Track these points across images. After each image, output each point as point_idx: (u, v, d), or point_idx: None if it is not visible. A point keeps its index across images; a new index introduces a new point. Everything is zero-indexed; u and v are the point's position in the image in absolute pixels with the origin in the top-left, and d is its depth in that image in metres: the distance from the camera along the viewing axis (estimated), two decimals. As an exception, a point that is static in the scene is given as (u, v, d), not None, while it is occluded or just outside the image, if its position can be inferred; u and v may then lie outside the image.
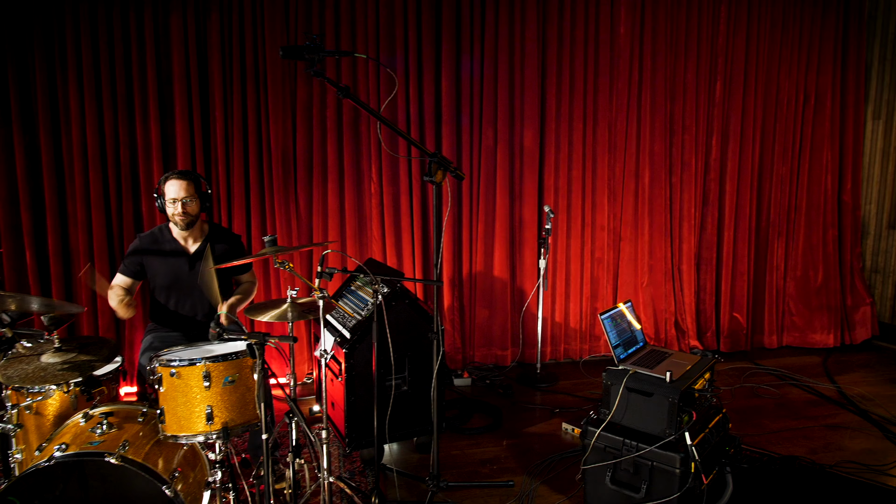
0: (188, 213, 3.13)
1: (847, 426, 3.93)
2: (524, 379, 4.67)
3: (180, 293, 3.24)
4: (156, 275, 3.20)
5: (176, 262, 3.22)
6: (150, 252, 3.20)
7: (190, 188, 3.12)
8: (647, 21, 4.87)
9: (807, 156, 5.34)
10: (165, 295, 3.23)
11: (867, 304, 5.44)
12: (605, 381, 2.94)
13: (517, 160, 4.80)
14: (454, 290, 4.80)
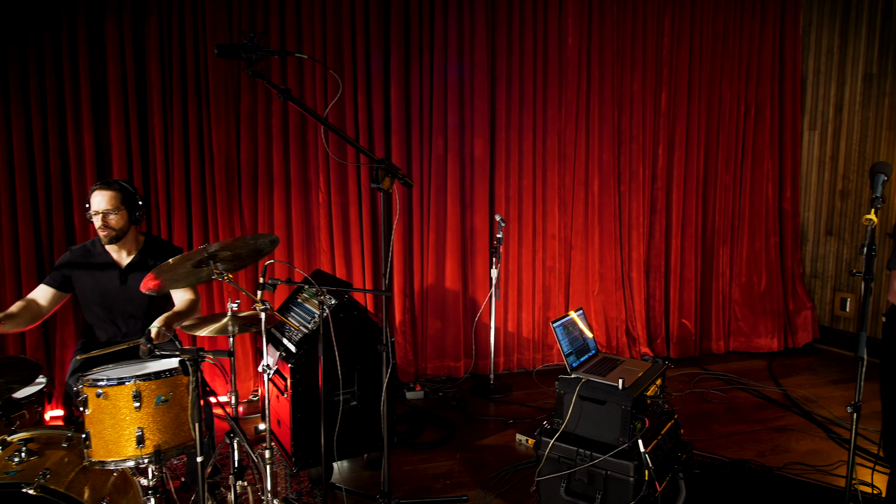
0: (111, 227, 2.92)
1: (793, 428, 4.00)
2: (478, 390, 4.61)
3: (112, 308, 3.05)
4: (84, 289, 3.00)
5: (106, 277, 3.03)
6: (79, 265, 3.01)
7: (114, 200, 2.92)
8: (594, 32, 4.93)
9: (749, 165, 5.49)
10: (95, 311, 3.04)
11: (808, 308, 5.60)
12: (557, 391, 2.90)
13: (468, 169, 4.77)
14: (405, 302, 4.71)
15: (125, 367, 2.40)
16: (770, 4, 5.41)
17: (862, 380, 2.00)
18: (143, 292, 2.51)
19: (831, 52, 5.49)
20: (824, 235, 5.65)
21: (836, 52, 5.45)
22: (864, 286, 1.93)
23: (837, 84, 5.46)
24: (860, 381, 1.97)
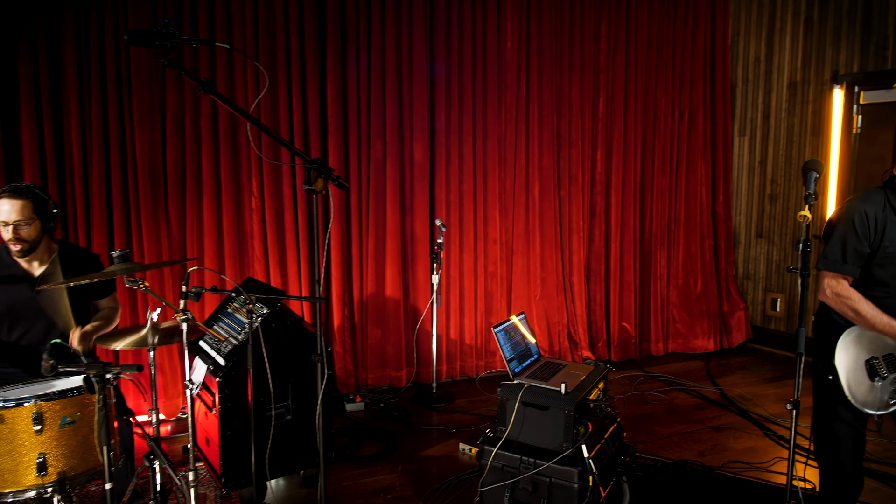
0: (23, 240, 2.68)
1: (731, 427, 4.06)
2: (420, 399, 4.50)
3: (21, 322, 2.80)
4: (-13, 301, 2.74)
5: (15, 288, 2.78)
6: (-19, 276, 2.74)
7: (26, 209, 2.68)
8: (532, 37, 4.94)
9: (683, 170, 5.60)
10: (3, 325, 2.78)
11: (741, 309, 5.75)
12: (500, 397, 2.82)
13: (408, 174, 4.67)
14: (344, 310, 4.56)
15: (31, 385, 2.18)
16: (701, 14, 5.55)
17: (800, 377, 2.00)
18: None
19: (758, 61, 5.68)
20: (755, 238, 5.82)
21: (763, 61, 5.65)
22: (801, 282, 1.93)
23: (765, 91, 5.65)
24: (799, 377, 1.97)
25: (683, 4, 5.48)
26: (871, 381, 2.30)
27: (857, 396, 2.29)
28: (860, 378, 2.31)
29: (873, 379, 2.30)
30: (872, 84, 4.86)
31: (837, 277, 2.34)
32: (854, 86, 4.99)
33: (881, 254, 2.25)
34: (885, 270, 2.28)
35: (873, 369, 2.31)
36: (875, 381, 2.30)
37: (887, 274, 2.28)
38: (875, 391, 2.28)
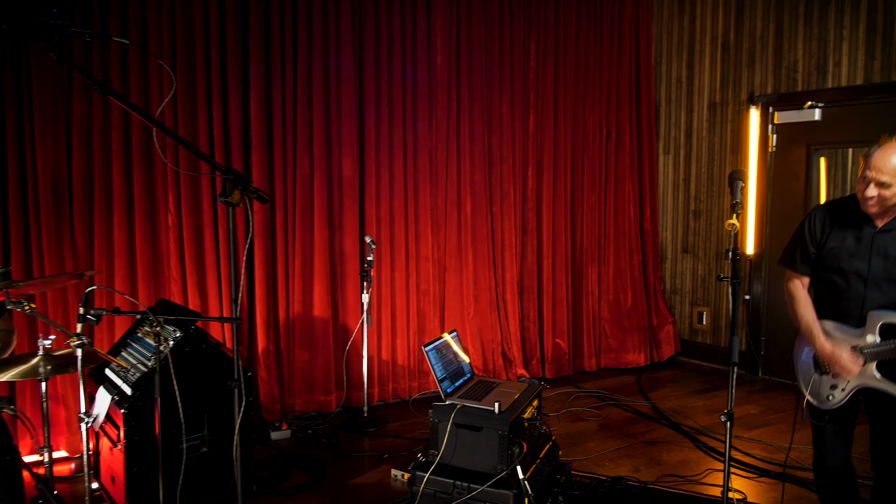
0: None
1: (663, 440, 4.08)
2: (350, 425, 4.30)
3: None
4: None
5: None
6: None
7: None
8: (462, 53, 4.91)
9: (612, 187, 5.69)
10: None
11: (670, 322, 5.86)
12: (432, 419, 2.70)
13: (336, 189, 4.52)
14: (269, 332, 4.33)
15: None
16: (626, 36, 5.70)
17: (733, 387, 1.98)
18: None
19: (680, 82, 5.88)
20: (681, 253, 5.97)
21: (685, 82, 5.84)
22: (731, 290, 1.92)
23: (686, 111, 5.84)
24: (731, 388, 1.94)
25: (609, 26, 5.61)
26: (815, 374, 2.44)
27: (805, 386, 2.46)
28: (808, 370, 2.48)
29: (817, 371, 2.44)
30: (785, 105, 5.09)
31: (790, 275, 2.52)
32: (769, 106, 5.21)
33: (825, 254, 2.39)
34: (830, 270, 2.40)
35: (817, 362, 2.45)
36: (816, 374, 2.44)
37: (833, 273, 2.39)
38: (817, 384, 2.42)
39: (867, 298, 2.31)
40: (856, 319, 2.34)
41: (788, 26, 5.10)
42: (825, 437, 2.45)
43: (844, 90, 4.79)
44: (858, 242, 2.32)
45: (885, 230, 2.30)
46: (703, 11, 5.68)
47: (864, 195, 2.23)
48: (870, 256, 2.29)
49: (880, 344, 2.27)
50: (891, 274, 2.28)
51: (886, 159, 2.15)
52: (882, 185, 2.17)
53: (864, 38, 4.70)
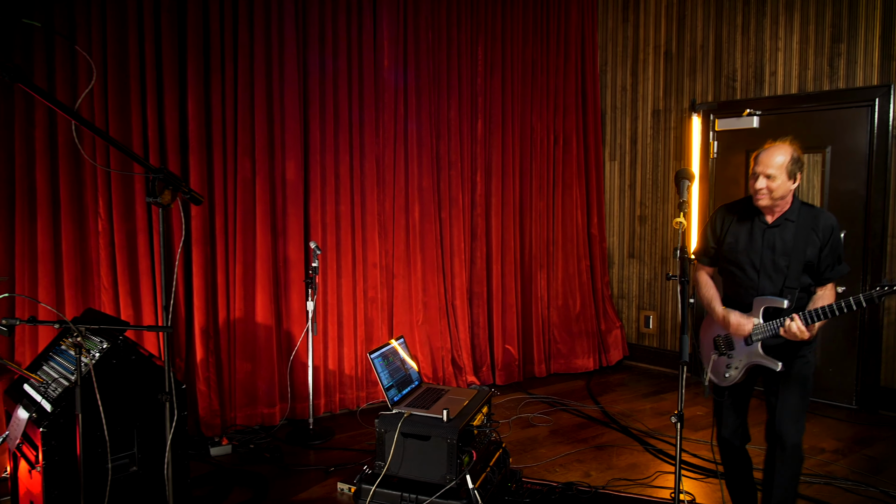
0: None
1: (613, 444, 4.08)
2: (295, 437, 4.14)
3: None
4: None
5: None
6: None
7: None
8: (410, 56, 4.85)
9: (560, 192, 5.72)
10: None
11: (617, 327, 5.91)
12: (378, 429, 2.60)
13: (279, 194, 4.37)
14: (209, 343, 4.13)
15: None
16: (572, 43, 5.76)
17: (683, 386, 1.96)
18: None
19: (625, 90, 5.97)
20: (627, 258, 6.04)
21: (630, 90, 5.94)
22: (680, 289, 1.90)
23: (631, 118, 5.93)
24: (682, 386, 1.92)
25: (556, 34, 5.66)
26: (715, 355, 2.72)
27: (707, 366, 2.77)
28: (709, 352, 2.77)
29: (716, 353, 2.72)
30: (725, 112, 5.23)
31: (698, 267, 2.88)
32: (710, 114, 5.34)
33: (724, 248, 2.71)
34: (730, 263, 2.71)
35: (716, 344, 2.74)
36: (715, 355, 2.72)
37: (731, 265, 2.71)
38: (717, 364, 2.71)
39: (759, 287, 2.60)
40: (749, 305, 2.63)
41: (727, 37, 5.25)
42: (723, 411, 2.75)
43: (780, 98, 4.95)
44: (751, 237, 2.62)
45: (773, 226, 2.59)
46: (646, 21, 5.79)
47: (755, 188, 2.53)
48: (761, 250, 2.59)
49: (762, 325, 2.56)
50: (778, 264, 2.57)
51: (772, 157, 2.49)
52: (769, 177, 2.48)
53: (798, 49, 4.87)
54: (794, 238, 2.54)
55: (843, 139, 4.71)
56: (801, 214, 2.57)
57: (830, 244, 2.54)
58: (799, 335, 2.43)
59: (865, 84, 4.57)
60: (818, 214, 2.57)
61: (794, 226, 2.56)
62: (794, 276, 2.53)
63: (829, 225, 2.55)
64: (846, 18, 4.63)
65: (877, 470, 3.68)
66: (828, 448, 4.00)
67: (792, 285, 2.54)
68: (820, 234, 2.54)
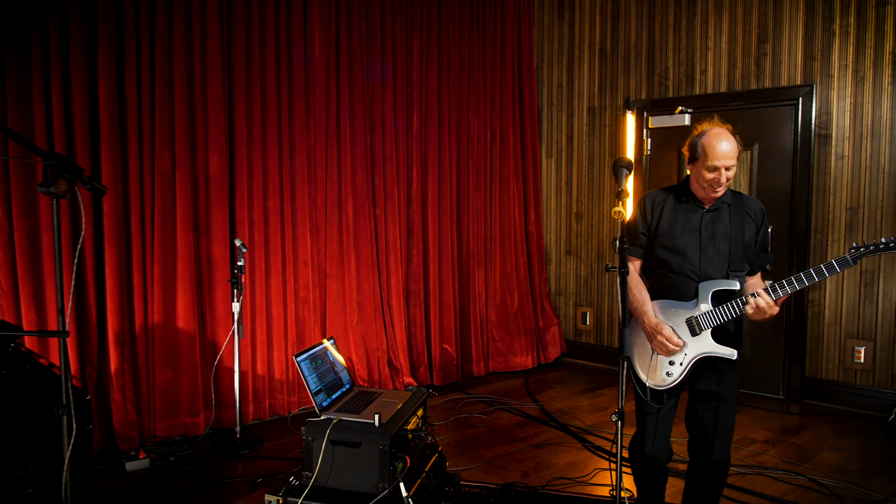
0: None
1: (552, 442, 4.02)
2: (221, 448, 3.89)
3: None
4: None
5: None
6: None
7: None
8: (342, 47, 4.67)
9: (497, 189, 5.66)
10: None
11: (555, 324, 5.90)
12: (305, 437, 2.42)
13: (202, 189, 4.11)
14: (124, 349, 3.83)
15: None
16: (508, 39, 5.71)
17: (624, 382, 1.88)
18: None
19: (561, 87, 5.97)
20: (564, 255, 6.04)
21: (566, 87, 5.94)
22: (619, 280, 1.82)
23: (568, 115, 5.94)
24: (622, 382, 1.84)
25: (492, 29, 5.59)
26: (653, 355, 2.48)
27: (644, 369, 2.49)
28: (645, 350, 2.51)
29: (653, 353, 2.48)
30: (658, 110, 5.29)
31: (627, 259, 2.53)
32: (643, 111, 5.39)
33: (660, 235, 2.52)
34: (666, 250, 2.51)
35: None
36: (654, 356, 2.48)
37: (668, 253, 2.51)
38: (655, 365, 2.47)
39: (701, 272, 2.46)
40: (691, 294, 2.46)
41: (660, 35, 5.31)
42: (653, 423, 2.52)
43: (710, 97, 5.04)
44: (689, 222, 2.48)
45: (712, 210, 2.48)
46: (581, 19, 5.81)
47: (716, 181, 2.36)
48: (699, 235, 2.46)
49: (713, 309, 2.40)
50: (720, 249, 2.45)
51: (728, 147, 2.32)
52: (729, 168, 2.35)
53: (727, 49, 4.97)
54: (732, 221, 2.47)
55: (769, 137, 4.84)
56: (734, 199, 2.51)
57: (763, 227, 2.51)
58: (768, 311, 2.29)
59: (790, 84, 4.70)
60: (746, 199, 2.53)
61: (729, 209, 2.48)
62: (737, 259, 2.45)
63: (760, 208, 2.52)
64: (771, 19, 4.76)
65: (805, 458, 3.77)
66: (759, 439, 4.08)
67: (737, 268, 2.44)
68: (754, 216, 2.50)
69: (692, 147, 2.43)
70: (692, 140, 2.44)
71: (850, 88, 4.48)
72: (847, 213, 4.53)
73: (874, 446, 3.95)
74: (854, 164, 4.49)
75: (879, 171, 4.40)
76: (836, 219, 4.58)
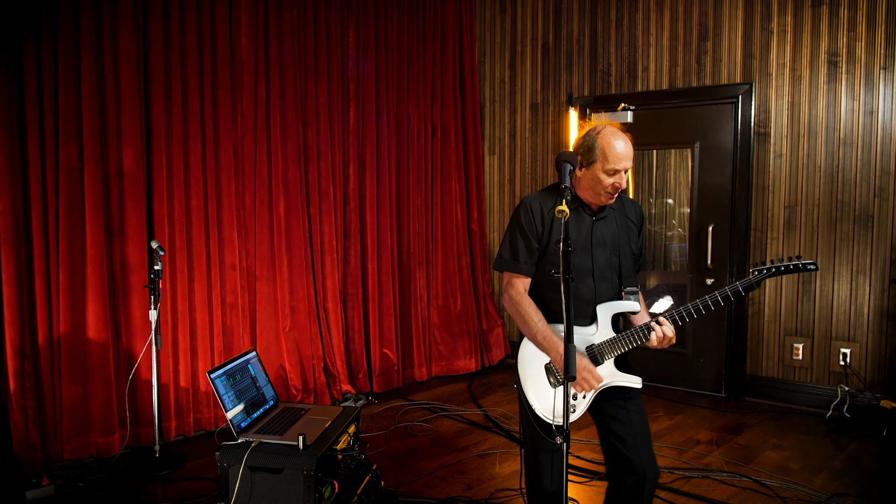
0: None
1: (496, 450, 3.87)
2: (138, 469, 3.56)
3: None
4: None
5: None
6: None
7: None
8: (272, 34, 4.37)
9: (438, 187, 5.47)
10: None
11: (499, 325, 5.77)
12: (220, 463, 2.17)
13: (115, 186, 3.76)
14: (25, 364, 3.44)
15: None
16: (449, 32, 5.52)
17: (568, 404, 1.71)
18: None
19: (503, 83, 5.83)
20: (508, 255, 5.90)
21: (508, 83, 5.80)
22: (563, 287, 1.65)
23: (510, 112, 5.80)
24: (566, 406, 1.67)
25: (432, 21, 5.40)
26: (552, 387, 2.16)
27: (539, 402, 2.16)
28: (542, 384, 2.17)
29: (552, 383, 2.17)
30: (601, 107, 5.21)
31: (511, 279, 2.22)
32: (586, 108, 5.31)
33: (551, 249, 2.15)
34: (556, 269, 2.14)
35: (549, 372, 2.18)
36: (552, 386, 2.16)
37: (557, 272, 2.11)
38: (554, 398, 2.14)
39: (598, 292, 2.17)
40: (589, 317, 2.17)
41: (602, 31, 5.23)
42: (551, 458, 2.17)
43: (652, 94, 4.99)
44: (579, 234, 2.17)
45: (600, 218, 2.20)
46: (523, 13, 5.68)
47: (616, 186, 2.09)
48: (591, 247, 2.17)
49: (617, 337, 2.12)
50: (612, 263, 2.19)
51: (628, 146, 2.09)
52: (627, 171, 2.11)
53: (668, 46, 4.93)
54: (618, 229, 2.20)
55: (710, 135, 4.83)
56: (617, 202, 2.24)
57: (643, 233, 2.29)
58: (673, 340, 2.05)
59: (730, 81, 4.69)
60: (627, 201, 2.28)
61: (614, 214, 2.21)
62: (629, 273, 2.19)
63: (638, 208, 2.30)
64: (712, 17, 4.74)
65: (748, 458, 3.74)
66: (703, 439, 4.03)
67: (630, 284, 2.16)
68: (634, 218, 2.26)
69: (587, 149, 2.11)
70: (585, 140, 2.13)
71: (787, 87, 4.49)
72: (785, 211, 4.55)
73: (814, 443, 3.96)
74: (792, 162, 4.52)
75: (816, 170, 4.43)
76: (775, 217, 4.59)
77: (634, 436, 2.13)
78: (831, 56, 4.32)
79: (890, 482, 3.43)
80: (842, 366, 4.38)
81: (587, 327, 2.16)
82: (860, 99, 4.25)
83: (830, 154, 4.38)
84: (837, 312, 4.41)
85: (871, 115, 4.23)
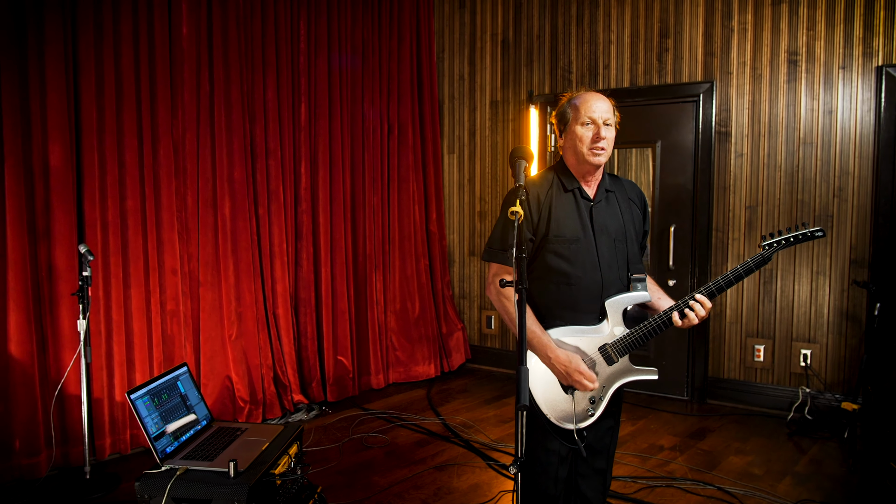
0: None
1: (454, 462, 3.70)
2: (67, 492, 3.27)
3: None
4: None
5: None
6: None
7: None
8: (215, 24, 4.11)
9: (395, 187, 5.27)
10: None
11: (459, 329, 5.60)
12: (139, 495, 1.94)
13: (40, 184, 3.45)
14: (-66, 381, 3.13)
15: None
16: (406, 26, 5.33)
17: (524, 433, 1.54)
18: None
19: (462, 79, 5.67)
20: (468, 256, 5.75)
21: (467, 80, 5.64)
22: (517, 298, 1.47)
23: (470, 109, 5.64)
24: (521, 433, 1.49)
25: (388, 14, 5.20)
26: (564, 393, 2.00)
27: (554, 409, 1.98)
28: (553, 388, 1.99)
29: (566, 391, 2.00)
30: (561, 104, 5.08)
31: (500, 272, 2.01)
32: (547, 106, 5.18)
33: (551, 239, 1.98)
34: (560, 258, 1.99)
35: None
36: (568, 392, 2.00)
37: (563, 262, 1.99)
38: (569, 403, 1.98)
39: (605, 284, 1.99)
40: (596, 314, 2.01)
41: (563, 27, 5.11)
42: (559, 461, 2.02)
43: (613, 92, 4.89)
44: (579, 222, 2.00)
45: (597, 202, 2.05)
46: (483, 8, 5.53)
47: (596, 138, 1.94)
48: (594, 236, 2.00)
49: (630, 333, 1.97)
50: (618, 250, 2.02)
51: (602, 99, 1.97)
52: (608, 125, 1.96)
53: (630, 43, 4.83)
54: (622, 213, 2.06)
55: (672, 134, 4.75)
56: (614, 184, 2.09)
57: (646, 215, 2.14)
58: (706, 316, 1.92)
59: (691, 80, 4.62)
60: (625, 182, 2.14)
61: (614, 197, 2.07)
62: (636, 259, 2.05)
63: (640, 191, 2.17)
64: (672, 14, 4.66)
65: (712, 464, 3.65)
66: (666, 445, 3.94)
67: (637, 271, 2.02)
68: (637, 202, 2.13)
69: (561, 116, 2.02)
70: (560, 109, 2.03)
71: (748, 86, 4.44)
72: (746, 211, 4.50)
73: (776, 447, 3.90)
74: (752, 162, 4.47)
75: (776, 170, 4.39)
76: (736, 217, 4.54)
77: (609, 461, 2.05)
78: (791, 55, 4.28)
79: (853, 487, 3.37)
80: (802, 367, 4.35)
81: (596, 326, 2.00)
82: (820, 98, 4.22)
83: (790, 154, 4.34)
84: (798, 313, 4.37)
85: (830, 115, 4.20)
